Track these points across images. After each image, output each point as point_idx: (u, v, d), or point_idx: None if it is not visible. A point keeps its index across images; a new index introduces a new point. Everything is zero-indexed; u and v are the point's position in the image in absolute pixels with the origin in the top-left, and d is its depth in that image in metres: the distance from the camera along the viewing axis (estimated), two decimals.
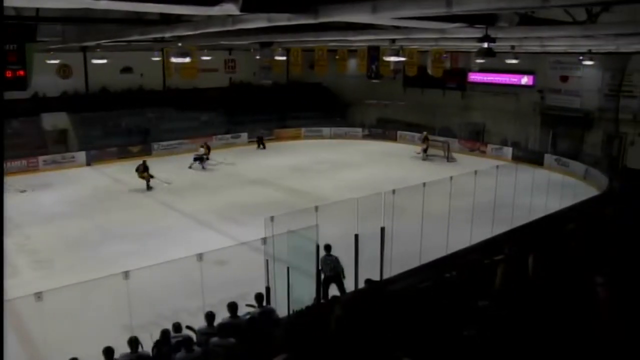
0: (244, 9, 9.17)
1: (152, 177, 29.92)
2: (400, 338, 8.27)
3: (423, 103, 45.00)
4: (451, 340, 7.72)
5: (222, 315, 11.78)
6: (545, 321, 7.21)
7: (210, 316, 11.52)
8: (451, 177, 18.90)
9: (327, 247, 15.68)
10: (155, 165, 34.50)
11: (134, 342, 10.33)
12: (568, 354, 6.61)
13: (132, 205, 27.19)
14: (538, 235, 14.80)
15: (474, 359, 7.27)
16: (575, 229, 14.40)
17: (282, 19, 11.17)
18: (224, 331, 10.96)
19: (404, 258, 15.99)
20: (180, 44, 21.25)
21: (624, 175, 29.87)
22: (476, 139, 42.24)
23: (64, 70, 39.73)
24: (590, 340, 6.54)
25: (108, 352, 10.11)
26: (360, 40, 24.50)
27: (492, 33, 14.99)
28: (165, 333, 10.82)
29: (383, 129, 46.11)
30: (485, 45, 15.30)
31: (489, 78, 41.69)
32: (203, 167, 34.94)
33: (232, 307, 11.82)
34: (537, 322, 7.22)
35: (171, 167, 34.85)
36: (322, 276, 15.74)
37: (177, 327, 11.15)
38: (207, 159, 35.36)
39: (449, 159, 38.12)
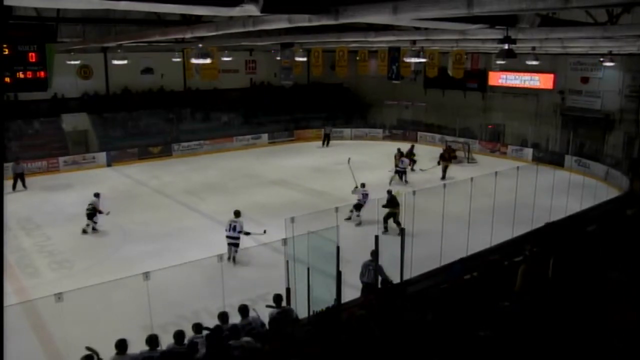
0: (264, 9, 9.17)
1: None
2: (422, 339, 8.25)
3: (444, 104, 44.98)
4: (470, 341, 7.70)
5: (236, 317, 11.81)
6: (565, 322, 7.18)
7: (223, 315, 11.57)
8: (472, 178, 18.80)
9: (373, 253, 14.87)
10: (174, 167, 34.72)
11: (153, 340, 10.33)
12: (585, 353, 6.57)
13: (152, 205, 27.24)
14: (559, 236, 14.74)
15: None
16: (596, 230, 14.34)
17: (303, 20, 11.16)
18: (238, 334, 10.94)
19: (424, 259, 15.94)
20: (200, 45, 21.25)
21: None
22: (496, 140, 42.13)
23: (84, 71, 39.79)
24: (606, 340, 6.50)
25: (121, 345, 10.20)
26: (381, 41, 24.50)
27: (513, 34, 14.93)
28: (179, 334, 10.78)
29: (403, 130, 46.03)
30: (506, 46, 15.23)
31: (509, 79, 41.52)
32: None
33: (243, 310, 11.88)
34: (556, 323, 7.18)
35: (187, 169, 35.11)
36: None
37: (197, 327, 11.13)
38: None
39: (470, 160, 37.97)
